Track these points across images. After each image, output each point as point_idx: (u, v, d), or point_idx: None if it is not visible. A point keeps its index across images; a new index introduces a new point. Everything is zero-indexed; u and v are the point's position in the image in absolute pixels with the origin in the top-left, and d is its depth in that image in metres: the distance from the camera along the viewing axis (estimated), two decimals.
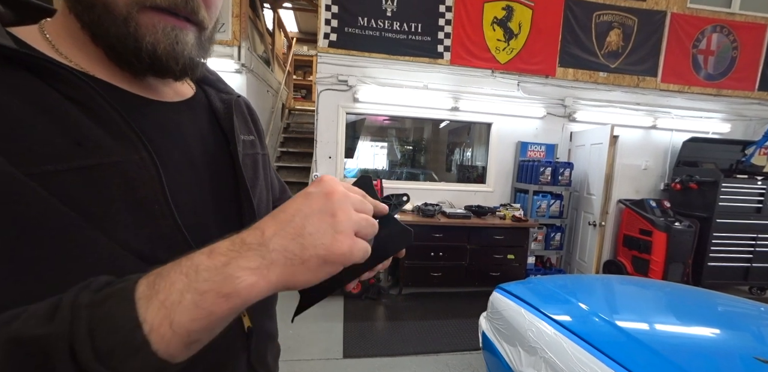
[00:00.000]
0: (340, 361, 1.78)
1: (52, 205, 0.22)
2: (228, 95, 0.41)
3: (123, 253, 0.25)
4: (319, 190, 0.24)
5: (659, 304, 1.41)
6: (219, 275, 0.20)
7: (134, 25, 0.27)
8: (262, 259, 0.21)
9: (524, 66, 3.08)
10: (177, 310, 0.18)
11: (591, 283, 1.70)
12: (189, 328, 0.19)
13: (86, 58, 0.29)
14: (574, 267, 3.22)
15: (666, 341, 1.04)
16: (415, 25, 2.88)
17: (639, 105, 3.33)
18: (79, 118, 0.25)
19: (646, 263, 2.91)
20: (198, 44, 0.31)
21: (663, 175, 3.43)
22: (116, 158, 0.26)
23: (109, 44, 0.28)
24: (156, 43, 0.28)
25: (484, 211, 2.83)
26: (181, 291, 0.19)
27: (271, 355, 0.42)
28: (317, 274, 0.23)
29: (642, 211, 3.01)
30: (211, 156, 0.36)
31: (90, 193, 0.25)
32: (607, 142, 2.78)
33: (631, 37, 3.21)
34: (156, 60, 0.29)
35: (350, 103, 2.89)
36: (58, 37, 0.28)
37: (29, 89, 0.24)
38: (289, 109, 5.04)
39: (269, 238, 0.22)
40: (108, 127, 0.26)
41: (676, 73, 3.33)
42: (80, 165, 0.24)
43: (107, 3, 0.26)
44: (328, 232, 0.22)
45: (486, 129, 3.28)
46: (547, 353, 1.08)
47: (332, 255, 0.22)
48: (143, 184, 0.27)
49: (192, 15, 0.29)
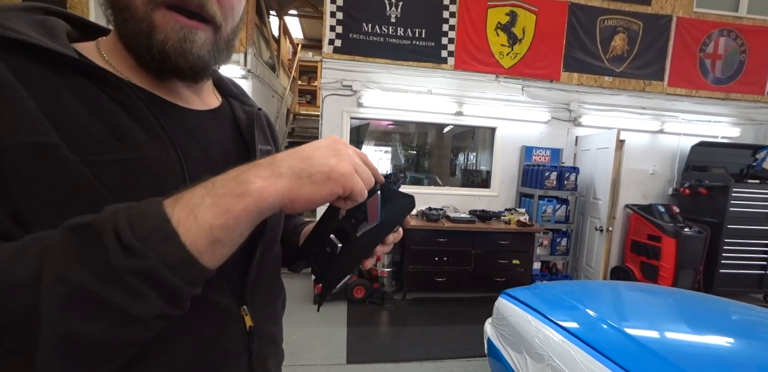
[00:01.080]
0: (344, 367, 1.76)
1: (94, 185, 0.26)
2: (250, 108, 0.45)
3: None
4: (327, 138, 0.29)
5: (670, 312, 1.37)
6: (233, 181, 0.24)
7: (148, 23, 0.30)
8: (272, 171, 0.25)
9: (528, 71, 3.09)
10: (199, 209, 0.22)
11: (598, 289, 1.66)
12: (211, 222, 0.22)
13: (129, 69, 0.33)
14: (581, 273, 3.17)
15: (678, 350, 1.01)
16: (419, 30, 2.92)
17: (645, 109, 3.30)
18: (121, 117, 0.29)
19: (655, 270, 2.85)
20: (212, 45, 0.33)
21: (671, 180, 3.38)
22: (148, 154, 0.30)
23: (129, 45, 0.31)
24: (165, 40, 0.30)
25: (489, 216, 2.81)
26: (201, 196, 0.23)
27: (273, 360, 0.43)
28: (321, 189, 0.26)
29: (650, 216, 2.95)
30: (231, 162, 0.38)
31: (122, 182, 0.28)
32: (614, 147, 2.75)
33: (637, 41, 3.21)
34: (165, 57, 0.31)
35: (354, 107, 2.92)
36: (109, 52, 0.33)
37: (85, 91, 0.28)
38: (293, 113, 5.10)
39: (280, 160, 0.26)
40: (143, 127, 0.30)
41: (683, 77, 3.30)
42: (118, 157, 0.28)
43: (129, 4, 0.29)
44: (332, 158, 0.27)
45: (490, 133, 3.28)
46: (554, 361, 1.06)
47: (335, 172, 0.26)
48: (168, 178, 0.30)
49: (201, 10, 0.31)
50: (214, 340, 0.33)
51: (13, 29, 0.26)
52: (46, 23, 0.29)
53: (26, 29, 0.27)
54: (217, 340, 0.33)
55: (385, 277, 2.72)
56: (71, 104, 0.27)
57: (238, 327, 0.36)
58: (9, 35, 0.25)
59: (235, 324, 0.35)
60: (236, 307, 0.36)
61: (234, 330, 0.35)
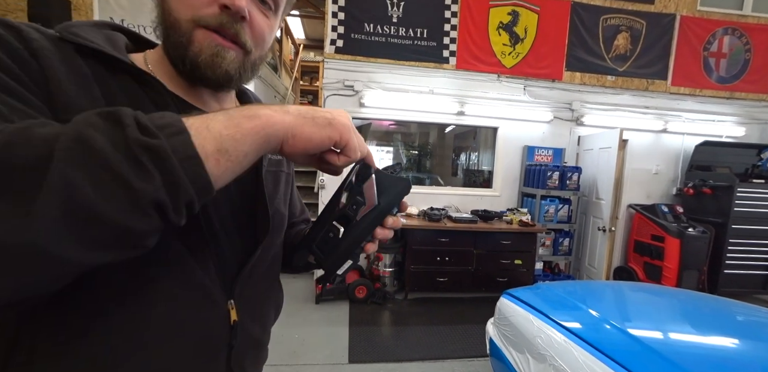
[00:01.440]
0: (346, 367, 1.76)
1: None
2: None
3: None
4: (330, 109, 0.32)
5: (674, 312, 1.37)
6: (245, 109, 0.27)
7: (188, 38, 0.35)
8: (281, 109, 0.29)
9: (530, 70, 3.08)
10: (212, 121, 0.25)
11: (601, 289, 1.66)
12: (221, 131, 0.24)
13: (166, 77, 0.38)
14: (584, 273, 3.15)
15: (682, 351, 1.01)
16: (421, 30, 2.92)
17: (648, 108, 3.28)
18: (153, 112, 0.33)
19: (658, 270, 2.83)
20: (239, 64, 0.37)
21: (675, 180, 3.35)
22: None
23: (168, 54, 0.37)
24: (199, 53, 0.35)
25: (491, 216, 2.81)
26: (215, 114, 0.26)
27: (254, 362, 0.43)
28: (321, 131, 0.30)
29: (653, 216, 2.93)
30: None
31: None
32: (616, 146, 2.74)
33: (640, 40, 3.19)
34: (196, 67, 0.36)
35: (356, 107, 2.92)
36: (153, 62, 0.39)
37: (130, 89, 0.34)
38: None
39: (288, 106, 0.30)
40: None
41: (686, 76, 3.28)
42: None
43: (176, 24, 0.35)
44: (335, 113, 0.31)
45: (492, 133, 3.27)
46: (556, 361, 1.06)
47: (335, 120, 0.30)
48: None
49: (236, 37, 0.36)
50: (196, 324, 0.34)
51: (88, 39, 0.32)
52: (111, 36, 0.36)
53: (97, 39, 0.33)
54: (199, 324, 0.35)
55: (387, 277, 2.72)
56: (119, 97, 0.33)
57: (222, 318, 0.37)
58: (85, 43, 0.32)
59: (219, 314, 0.36)
60: (224, 299, 0.37)
61: (217, 320, 0.36)
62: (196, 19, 0.34)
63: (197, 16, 0.34)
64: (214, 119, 0.25)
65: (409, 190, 0.36)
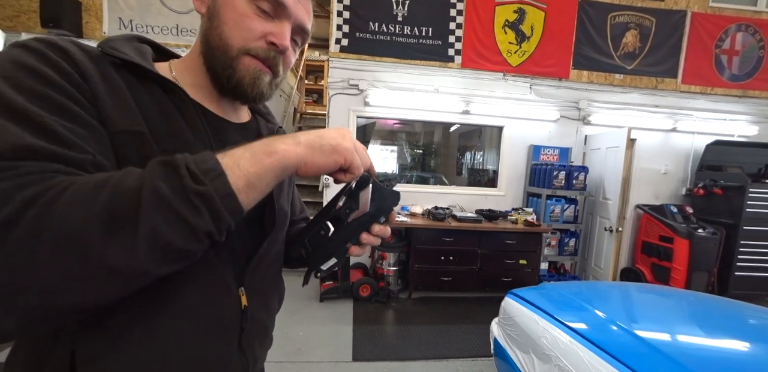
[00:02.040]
0: (350, 364, 1.77)
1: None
2: (273, 125, 0.55)
3: None
4: (335, 128, 0.38)
5: (683, 314, 1.35)
6: (265, 145, 0.32)
7: (236, 63, 0.40)
8: (294, 141, 0.34)
9: (537, 69, 3.05)
10: (241, 160, 0.31)
11: (608, 290, 1.64)
12: (248, 170, 0.30)
13: (189, 86, 0.43)
14: (590, 274, 3.12)
15: (691, 353, 0.99)
16: (426, 29, 2.91)
17: (658, 107, 3.23)
18: (177, 119, 0.39)
19: (666, 271, 2.79)
20: (269, 85, 0.44)
21: (684, 180, 3.29)
22: (192, 149, 0.36)
23: (214, 71, 0.42)
24: (244, 76, 0.41)
25: (496, 216, 2.79)
26: (243, 152, 0.31)
27: (261, 344, 0.48)
28: (328, 158, 0.35)
29: (662, 216, 2.89)
30: None
31: None
32: (624, 146, 2.70)
33: (649, 37, 3.13)
34: (239, 86, 0.42)
35: (361, 106, 2.93)
36: (178, 71, 0.44)
37: (157, 96, 0.38)
38: (300, 113, 5.14)
39: (299, 135, 0.35)
40: (191, 128, 0.39)
41: (697, 74, 3.21)
42: (171, 149, 0.35)
43: (226, 48, 0.40)
44: (338, 137, 0.36)
45: (497, 132, 3.25)
46: (562, 361, 1.05)
47: (340, 146, 0.36)
48: None
49: (274, 66, 0.43)
50: (214, 308, 0.39)
51: (123, 52, 0.37)
52: (140, 49, 0.41)
53: (129, 52, 0.38)
54: (216, 308, 0.39)
55: (391, 275, 2.72)
56: (149, 104, 0.37)
57: (234, 302, 0.41)
58: (124, 57, 0.36)
59: (232, 299, 0.41)
60: (235, 287, 0.41)
61: (231, 305, 0.41)
62: (247, 49, 0.40)
63: (248, 46, 0.40)
64: (242, 158, 0.31)
65: (398, 201, 0.42)
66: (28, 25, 2.65)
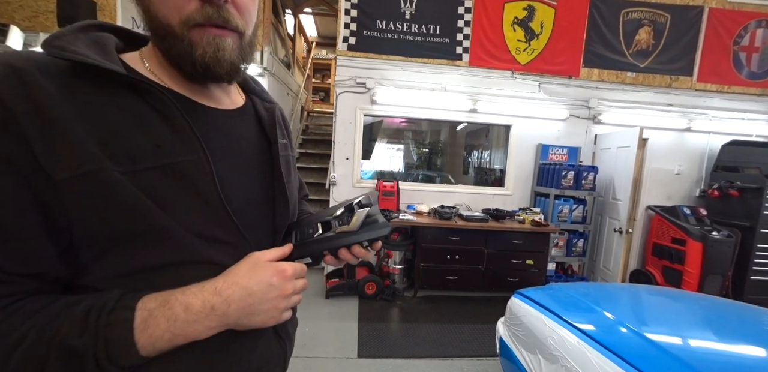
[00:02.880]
0: (355, 361, 1.78)
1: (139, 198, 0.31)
2: (270, 104, 0.50)
3: (185, 234, 0.34)
4: (278, 285, 0.37)
5: (696, 318, 1.31)
6: (188, 328, 0.32)
7: (188, 42, 0.34)
8: (220, 322, 0.34)
9: (546, 67, 3.00)
10: (158, 340, 0.31)
11: (617, 292, 1.61)
12: (162, 348, 0.32)
13: (168, 76, 0.38)
14: (598, 275, 3.07)
15: (704, 358, 0.96)
16: (434, 27, 2.89)
17: (671, 106, 3.15)
18: (159, 126, 0.34)
19: (678, 274, 2.73)
20: (239, 49, 0.37)
21: (698, 181, 3.21)
22: (182, 158, 0.35)
23: (177, 63, 0.36)
24: (204, 53, 0.35)
25: (503, 215, 2.76)
26: (163, 331, 0.31)
27: (291, 324, 0.51)
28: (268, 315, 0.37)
29: (674, 218, 2.82)
30: (256, 154, 0.44)
31: (165, 185, 0.33)
32: (636, 145, 2.64)
33: (663, 34, 3.05)
34: (206, 68, 0.36)
35: (368, 105, 2.93)
36: (151, 61, 0.38)
37: (129, 103, 0.33)
38: (308, 111, 5.16)
39: (231, 312, 0.34)
40: (178, 133, 0.35)
41: (714, 72, 3.12)
42: (160, 163, 0.33)
43: (169, 30, 0.34)
44: (269, 318, 0.37)
45: (505, 131, 3.21)
46: (569, 362, 1.04)
47: (265, 325, 0.37)
48: (200, 178, 0.36)
49: (227, 23, 0.35)
50: None
51: (75, 52, 0.30)
52: (99, 40, 0.34)
53: (85, 49, 0.31)
54: None
55: (397, 274, 2.73)
56: (117, 119, 0.32)
57: None
58: (72, 58, 0.30)
59: None
60: None
61: None
62: (185, 20, 0.33)
63: (184, 16, 0.33)
64: (159, 338, 0.31)
65: (386, 234, 0.43)
66: (45, 24, 2.72)
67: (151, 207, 0.32)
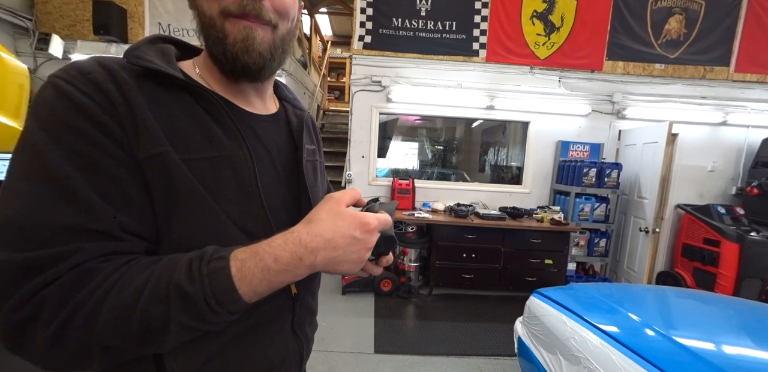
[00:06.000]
0: (372, 356, 1.81)
1: (193, 183, 0.35)
2: (301, 111, 0.54)
3: (226, 220, 0.38)
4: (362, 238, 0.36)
5: (731, 323, 1.25)
6: (282, 275, 0.34)
7: (222, 31, 0.37)
8: (309, 270, 0.35)
9: (567, 61, 2.90)
10: (257, 286, 0.33)
11: (642, 293, 1.55)
12: (262, 292, 0.34)
13: (214, 81, 0.43)
14: (622, 276, 2.95)
15: (742, 366, 0.91)
16: (450, 23, 2.85)
17: (705, 99, 2.96)
18: (210, 124, 0.38)
19: (711, 277, 2.58)
20: (270, 43, 0.39)
21: (735, 178, 3.01)
22: (229, 153, 0.39)
23: (216, 57, 0.39)
24: (234, 41, 0.37)
25: (520, 213, 2.71)
26: (260, 280, 0.33)
27: (309, 326, 0.52)
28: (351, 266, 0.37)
29: (707, 218, 2.67)
30: (286, 158, 0.47)
31: (213, 175, 0.37)
32: (664, 141, 2.51)
33: (697, 22, 2.87)
34: (235, 57, 0.38)
35: (383, 103, 2.94)
36: (201, 67, 0.43)
37: (187, 104, 0.38)
38: (323, 110, 5.23)
39: (317, 262, 0.34)
40: (225, 131, 0.39)
41: (754, 61, 2.91)
42: (210, 156, 0.37)
43: (210, 21, 0.38)
44: (354, 267, 0.37)
45: (523, 128, 3.13)
46: (592, 363, 1.02)
47: (348, 273, 0.38)
48: (243, 172, 0.39)
49: (259, 16, 0.37)
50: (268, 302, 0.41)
51: (147, 60, 0.36)
52: (164, 50, 0.40)
53: (154, 58, 0.37)
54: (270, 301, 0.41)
55: (412, 271, 2.74)
56: (179, 116, 0.37)
57: (288, 292, 0.45)
58: (148, 66, 0.35)
59: (286, 289, 0.44)
60: None
61: (283, 293, 0.44)
62: (222, 10, 0.36)
63: (222, 6, 0.36)
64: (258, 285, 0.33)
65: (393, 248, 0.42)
66: (83, 32, 2.90)
67: (199, 189, 0.35)
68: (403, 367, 1.74)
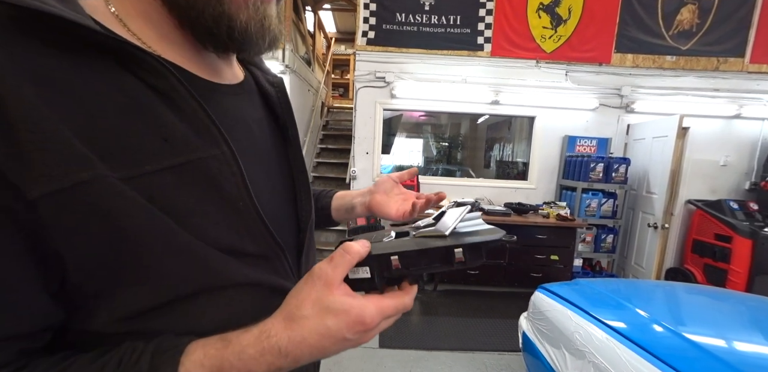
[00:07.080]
0: (377, 351, 1.83)
1: (151, 213, 0.23)
2: (273, 77, 0.40)
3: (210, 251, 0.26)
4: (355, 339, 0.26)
5: (744, 319, 1.22)
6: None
7: (228, 3, 0.26)
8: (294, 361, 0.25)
9: (574, 54, 2.84)
10: None
11: (650, 289, 1.53)
12: None
13: (157, 38, 0.27)
14: (629, 272, 2.92)
15: (756, 363, 0.90)
16: (454, 17, 2.81)
17: (718, 91, 2.88)
18: (163, 112, 0.24)
19: (722, 274, 2.53)
20: (278, 17, 0.31)
21: (749, 173, 2.93)
22: (200, 154, 0.26)
23: (203, 26, 0.27)
24: (249, 21, 0.27)
25: (526, 209, 2.69)
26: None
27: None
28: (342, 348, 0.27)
29: (719, 213, 2.61)
30: (269, 141, 0.36)
31: (181, 192, 0.25)
32: (674, 135, 2.45)
33: (711, 12, 2.78)
34: (247, 38, 0.28)
35: (387, 99, 2.92)
36: (126, 13, 0.26)
37: (116, 80, 0.23)
38: (327, 107, 5.24)
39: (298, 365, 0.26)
40: (190, 121, 0.26)
41: None
42: (170, 164, 0.24)
43: None
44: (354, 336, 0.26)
45: (529, 123, 3.09)
46: (597, 358, 1.01)
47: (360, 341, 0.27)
48: (226, 180, 0.27)
49: None
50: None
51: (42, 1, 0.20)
52: None
53: None
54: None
55: None
56: (103, 103, 0.22)
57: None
58: (24, 3, 0.19)
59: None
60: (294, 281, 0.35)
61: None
62: None
63: None
64: None
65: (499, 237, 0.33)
66: None
67: (165, 222, 0.23)
68: (408, 361, 1.75)
